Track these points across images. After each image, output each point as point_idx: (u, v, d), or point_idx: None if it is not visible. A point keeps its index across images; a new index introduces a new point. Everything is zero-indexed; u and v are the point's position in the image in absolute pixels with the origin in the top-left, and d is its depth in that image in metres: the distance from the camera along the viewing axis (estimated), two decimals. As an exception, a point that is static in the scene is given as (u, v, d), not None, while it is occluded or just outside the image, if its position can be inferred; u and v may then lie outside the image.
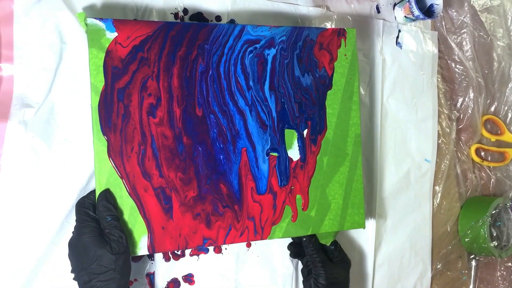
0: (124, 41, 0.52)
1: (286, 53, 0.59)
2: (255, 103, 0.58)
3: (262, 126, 0.58)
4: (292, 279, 0.65)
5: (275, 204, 0.58)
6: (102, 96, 0.51)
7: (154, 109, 0.53)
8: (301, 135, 0.60)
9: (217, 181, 0.55)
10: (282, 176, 0.59)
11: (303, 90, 0.60)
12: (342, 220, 0.61)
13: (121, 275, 0.48)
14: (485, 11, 0.85)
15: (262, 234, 0.57)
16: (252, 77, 0.58)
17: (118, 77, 0.52)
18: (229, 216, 0.56)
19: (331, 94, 0.62)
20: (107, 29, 0.51)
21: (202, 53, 0.55)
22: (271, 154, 0.58)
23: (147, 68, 0.53)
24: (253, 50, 0.58)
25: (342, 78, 0.62)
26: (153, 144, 0.53)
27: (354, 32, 0.63)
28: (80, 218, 0.49)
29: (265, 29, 0.59)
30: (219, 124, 0.56)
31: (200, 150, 0.55)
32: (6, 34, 0.53)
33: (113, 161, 0.51)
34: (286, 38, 0.59)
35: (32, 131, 0.53)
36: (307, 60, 0.60)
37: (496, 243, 0.78)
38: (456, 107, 0.82)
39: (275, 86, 0.59)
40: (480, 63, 0.84)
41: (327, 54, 0.62)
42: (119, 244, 0.48)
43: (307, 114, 0.60)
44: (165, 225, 0.53)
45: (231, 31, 0.57)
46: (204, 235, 0.55)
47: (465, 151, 0.82)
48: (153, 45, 0.53)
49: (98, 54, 0.51)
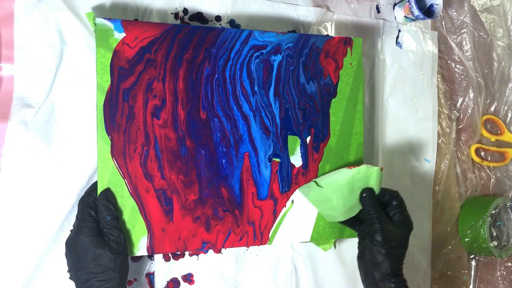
0: (131, 42, 0.52)
1: (292, 59, 0.60)
2: (259, 108, 0.58)
3: (266, 132, 0.58)
4: (292, 279, 0.65)
5: (275, 210, 0.58)
6: (107, 96, 0.51)
7: (158, 110, 0.53)
8: (304, 142, 0.60)
9: (218, 185, 0.55)
10: (283, 182, 0.58)
11: (308, 97, 0.60)
12: (342, 228, 0.61)
13: (119, 275, 0.48)
14: (485, 11, 0.85)
15: (261, 240, 0.57)
16: (257, 83, 0.58)
17: (124, 77, 0.52)
18: (229, 220, 0.56)
19: (336, 102, 0.62)
20: (116, 29, 0.52)
21: (208, 56, 0.56)
22: (274, 160, 0.58)
23: (153, 70, 0.53)
24: (259, 55, 0.58)
25: (347, 87, 0.62)
26: (156, 146, 0.53)
27: (360, 42, 0.64)
28: (82, 217, 0.49)
29: (272, 35, 0.59)
30: (223, 128, 0.56)
31: (203, 153, 0.55)
32: (6, 34, 0.53)
33: (116, 161, 0.51)
34: (292, 45, 0.60)
35: (33, 131, 0.53)
36: (312, 67, 0.61)
37: (496, 243, 0.77)
38: (456, 107, 0.82)
39: (280, 92, 0.59)
40: (480, 63, 0.84)
41: (333, 62, 0.62)
42: (118, 244, 0.48)
43: (310, 121, 0.60)
44: (165, 227, 0.53)
45: (238, 36, 0.57)
46: (204, 239, 0.55)
47: (465, 151, 0.82)
48: (160, 47, 0.53)
49: (106, 54, 0.51)
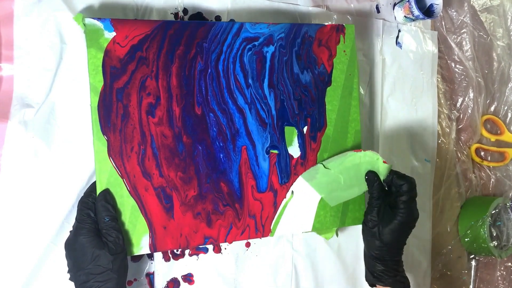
0: (122, 40, 0.52)
1: (285, 50, 0.59)
2: (255, 101, 0.58)
3: (262, 124, 0.58)
4: (292, 279, 0.65)
5: (275, 202, 0.58)
6: (101, 96, 0.51)
7: (153, 108, 0.53)
8: (301, 132, 0.60)
9: (217, 179, 0.55)
10: (282, 173, 0.58)
11: (302, 87, 0.60)
12: (343, 216, 0.61)
13: (118, 275, 0.48)
14: (485, 11, 0.85)
15: (263, 232, 0.57)
16: (251, 75, 0.58)
17: (117, 77, 0.52)
18: (230, 214, 0.56)
19: (331, 91, 0.61)
20: (105, 28, 0.51)
21: (200, 51, 0.55)
22: (271, 152, 0.58)
23: (145, 68, 0.53)
24: (251, 47, 0.58)
25: (342, 75, 0.62)
26: (152, 144, 0.53)
27: (353, 28, 0.63)
28: (81, 218, 0.49)
29: (263, 27, 0.58)
30: (219, 122, 0.56)
31: (200, 149, 0.55)
32: (6, 34, 0.53)
33: (114, 161, 0.51)
34: (284, 35, 0.59)
35: (32, 131, 0.53)
36: (306, 57, 0.60)
37: (496, 243, 0.78)
38: (456, 107, 0.82)
39: (274, 84, 0.59)
40: (480, 63, 0.84)
41: (326, 51, 0.61)
42: (116, 245, 0.48)
43: (306, 111, 0.60)
44: (166, 225, 0.53)
45: (230, 29, 0.57)
46: (205, 234, 0.55)
47: (465, 151, 0.82)
48: (152, 45, 0.53)
49: (97, 54, 0.51)
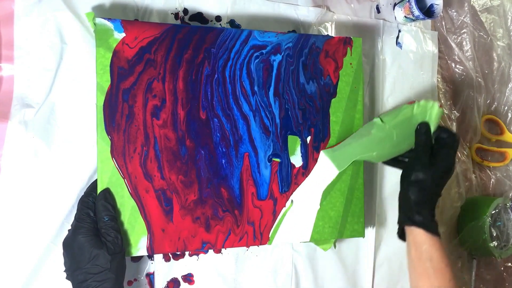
0: (131, 42, 0.52)
1: (292, 59, 0.60)
2: (259, 108, 0.58)
3: (265, 132, 0.58)
4: (292, 279, 0.65)
5: (275, 210, 0.58)
6: (107, 96, 0.51)
7: (158, 110, 0.53)
8: (304, 142, 0.60)
9: (218, 185, 0.55)
10: (283, 182, 0.58)
11: (308, 97, 0.60)
12: (342, 228, 0.61)
13: (116, 275, 0.48)
14: (485, 11, 0.85)
15: (261, 240, 0.57)
16: (257, 83, 0.58)
17: (124, 77, 0.52)
18: (229, 220, 0.56)
19: (335, 102, 0.62)
20: (115, 29, 0.52)
21: (208, 56, 0.56)
22: (273, 160, 0.58)
23: (153, 70, 0.53)
24: (259, 55, 0.58)
25: (347, 87, 0.62)
26: (155, 146, 0.53)
27: (360, 42, 0.63)
28: (80, 217, 0.49)
29: (271, 35, 0.59)
30: (223, 128, 0.56)
31: (203, 153, 0.55)
32: (6, 34, 0.53)
33: (116, 161, 0.51)
34: (292, 45, 0.60)
35: (33, 131, 0.53)
36: (312, 67, 0.61)
37: (496, 243, 0.77)
38: (456, 107, 0.81)
39: (280, 92, 0.59)
40: (480, 63, 0.84)
41: (333, 62, 0.62)
42: (115, 245, 0.48)
43: (310, 121, 0.60)
44: (165, 227, 0.53)
45: (238, 36, 0.57)
46: (203, 239, 0.55)
47: (465, 151, 0.81)
48: (160, 47, 0.53)
49: (105, 54, 0.51)
